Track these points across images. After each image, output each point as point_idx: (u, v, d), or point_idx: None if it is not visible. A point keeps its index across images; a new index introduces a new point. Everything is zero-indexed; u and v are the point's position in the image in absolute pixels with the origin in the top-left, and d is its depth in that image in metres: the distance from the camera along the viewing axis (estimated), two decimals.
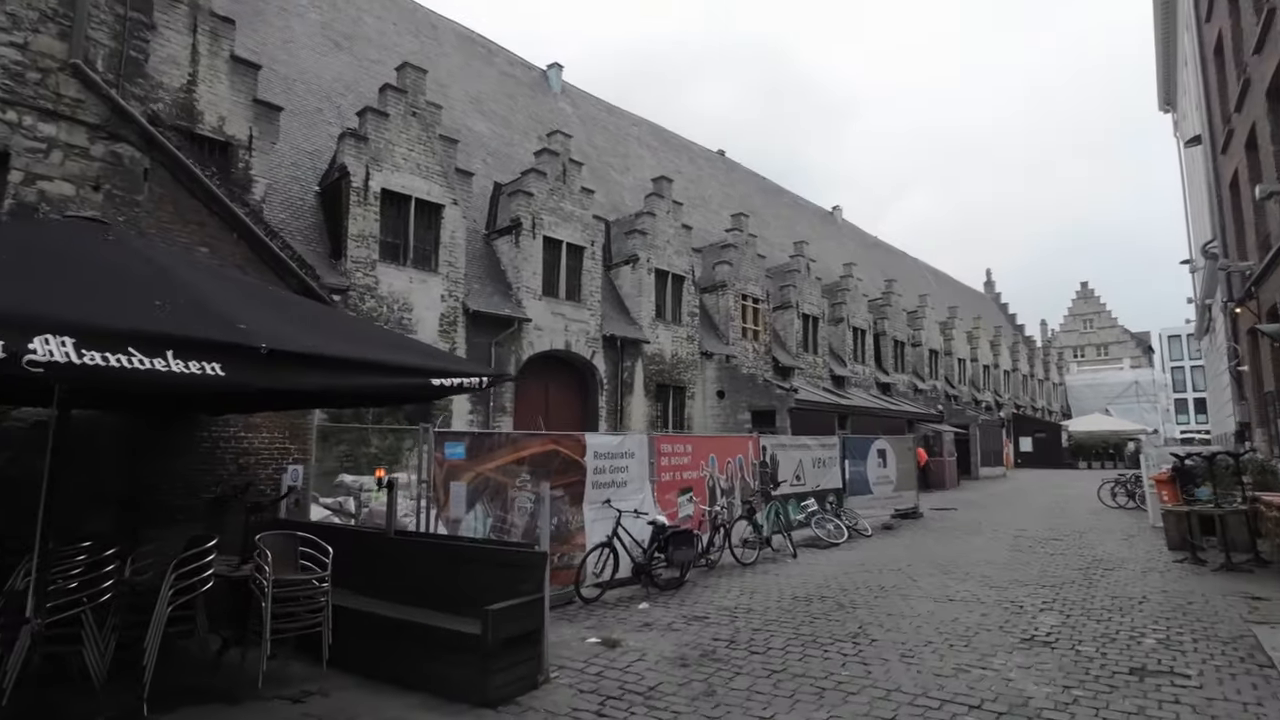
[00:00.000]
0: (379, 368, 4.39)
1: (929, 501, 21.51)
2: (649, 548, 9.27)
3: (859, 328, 32.72)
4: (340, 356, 4.17)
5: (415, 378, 4.64)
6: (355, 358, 4.26)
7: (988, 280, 73.31)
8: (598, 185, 26.40)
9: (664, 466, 10.48)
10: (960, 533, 14.72)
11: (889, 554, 12.14)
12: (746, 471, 12.74)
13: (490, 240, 19.10)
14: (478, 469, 7.64)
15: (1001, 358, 49.10)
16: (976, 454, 33.32)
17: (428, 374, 4.74)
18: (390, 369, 4.47)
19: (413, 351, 4.96)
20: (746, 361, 24.93)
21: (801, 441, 14.97)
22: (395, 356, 4.63)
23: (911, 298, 41.40)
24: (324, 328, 4.87)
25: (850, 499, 15.89)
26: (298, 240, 14.70)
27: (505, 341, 17.45)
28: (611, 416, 20.09)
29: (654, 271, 22.01)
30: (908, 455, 18.15)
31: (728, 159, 39.29)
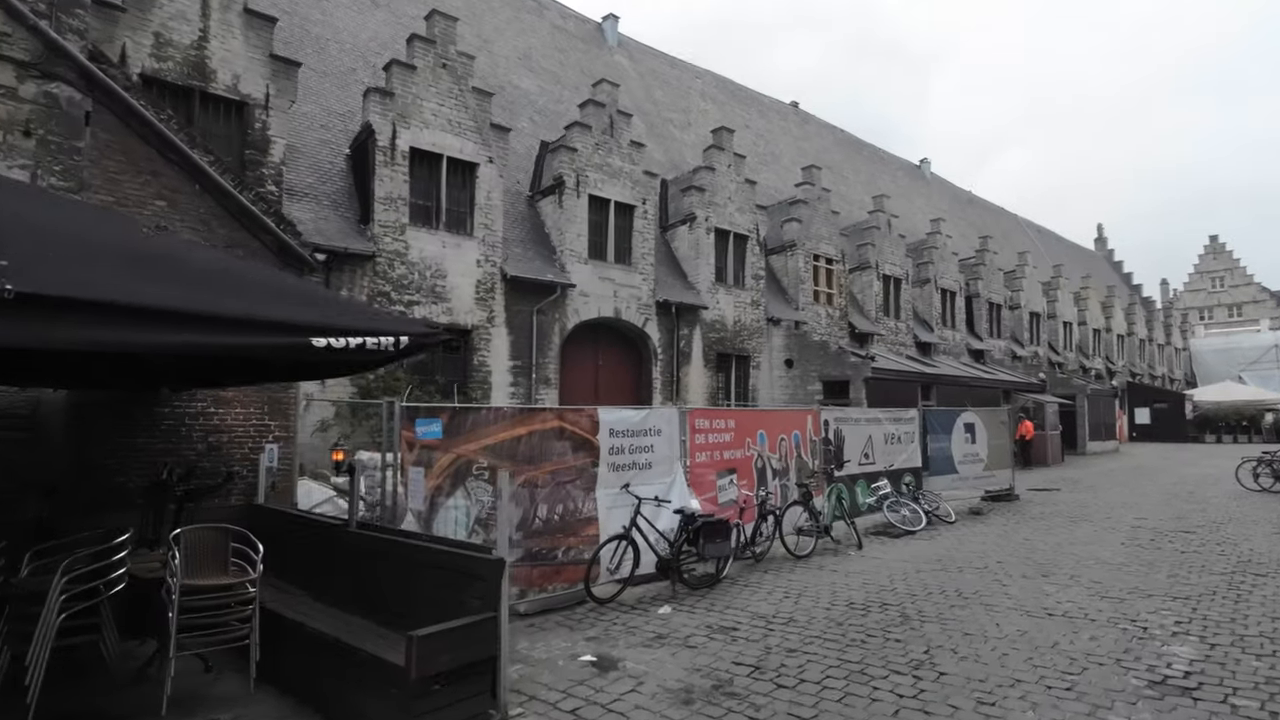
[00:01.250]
0: (213, 323, 3.20)
1: (1027, 481, 19.13)
2: (676, 540, 7.94)
3: (948, 289, 29.86)
4: (146, 306, 2.99)
5: (278, 336, 3.44)
6: (172, 308, 3.08)
7: (1099, 237, 66.80)
8: (656, 143, 24.81)
9: (700, 445, 9.07)
10: (1064, 520, 12.62)
11: (974, 546, 10.33)
12: (804, 449, 11.15)
13: (534, 202, 17.96)
14: (459, 450, 6.49)
15: (1114, 320, 44.36)
16: (1084, 427, 30.01)
17: (303, 331, 3.53)
18: (231, 324, 3.28)
19: (289, 302, 3.73)
20: (819, 328, 22.95)
21: (872, 415, 13.18)
22: (250, 308, 3.43)
23: (1009, 256, 37.71)
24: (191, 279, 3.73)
25: (931, 479, 14.01)
26: (325, 205, 14.01)
27: (547, 309, 16.34)
28: (667, 389, 18.75)
29: (713, 231, 20.32)
30: (1001, 429, 15.96)
31: (801, 111, 36.58)
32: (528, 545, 6.94)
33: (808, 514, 10.12)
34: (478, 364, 15.13)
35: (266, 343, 3.40)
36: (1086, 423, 30.11)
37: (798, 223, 23.11)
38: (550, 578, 7.11)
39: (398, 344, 3.97)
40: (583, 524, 7.47)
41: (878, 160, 39.47)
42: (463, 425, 6.57)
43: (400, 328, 4.05)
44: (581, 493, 7.51)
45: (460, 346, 15.08)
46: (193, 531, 5.23)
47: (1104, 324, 43.35)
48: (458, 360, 15.00)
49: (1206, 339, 57.91)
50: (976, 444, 15.17)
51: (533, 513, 7.01)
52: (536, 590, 7.01)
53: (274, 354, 3.84)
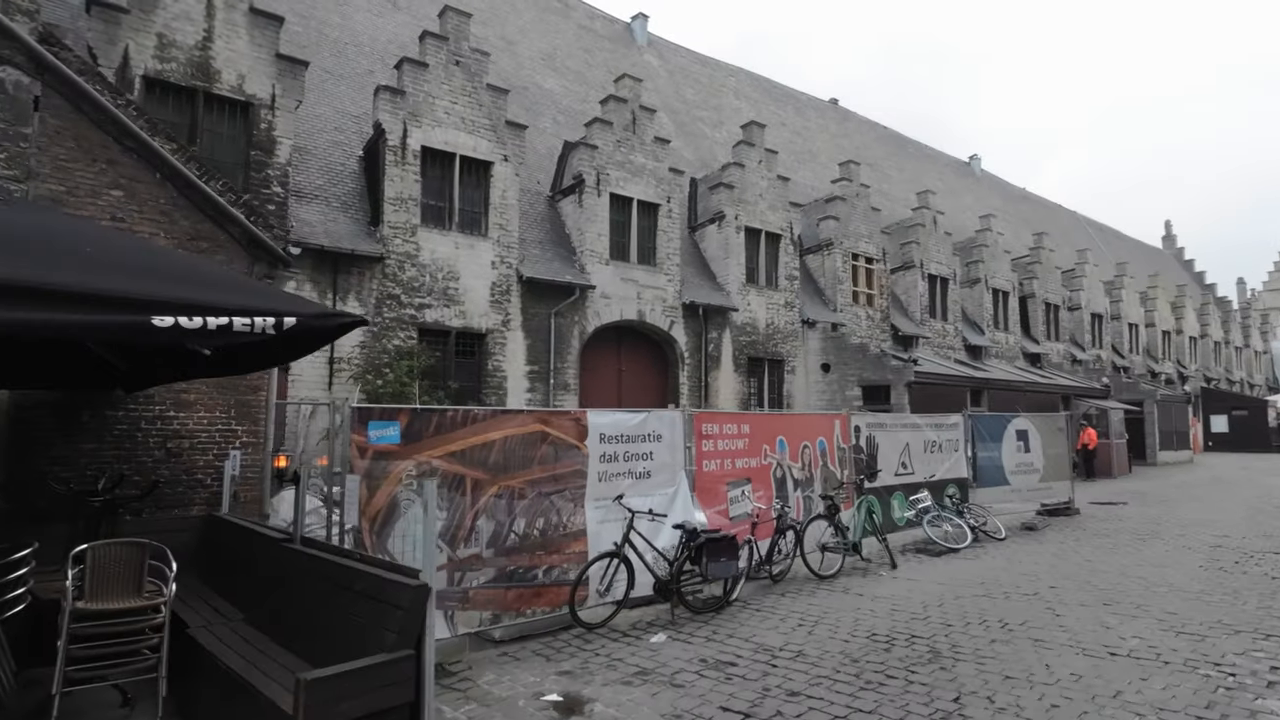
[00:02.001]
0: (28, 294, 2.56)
1: (1090, 493, 17.59)
2: (676, 559, 7.11)
3: (1000, 289, 28.19)
4: None
5: (105, 313, 2.78)
6: None
7: (1166, 234, 63.11)
8: (686, 141, 24.08)
9: (708, 453, 8.22)
10: (1130, 538, 11.29)
11: (1025, 567, 9.17)
12: (831, 458, 10.18)
13: (555, 203, 17.39)
14: (420, 457, 5.81)
15: (1186, 322, 41.52)
16: (1154, 435, 27.88)
17: (139, 308, 2.87)
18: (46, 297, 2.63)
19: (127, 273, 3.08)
20: (858, 330, 21.76)
21: (910, 420, 12.08)
22: (71, 279, 2.79)
23: (1067, 255, 35.60)
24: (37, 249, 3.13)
25: (979, 491, 12.81)
26: (335, 207, 13.68)
27: (566, 312, 15.69)
28: (694, 395, 17.87)
29: (743, 230, 19.40)
30: (1058, 437, 14.59)
31: (841, 108, 35.31)
32: (502, 564, 6.21)
33: (833, 529, 9.14)
34: (492, 369, 14.56)
35: (86, 321, 2.75)
36: (1156, 430, 27.96)
37: (834, 220, 22.00)
38: (529, 600, 6.36)
39: (279, 325, 3.29)
40: (568, 540, 6.70)
41: (923, 157, 37.85)
42: (425, 429, 5.89)
43: (283, 306, 3.36)
44: (568, 505, 6.76)
45: (476, 350, 14.55)
46: (102, 548, 4.67)
47: (1174, 325, 40.60)
48: (471, 365, 14.46)
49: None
50: (1030, 453, 13.87)
51: (508, 527, 6.28)
52: (513, 614, 6.27)
53: (101, 336, 3.18)
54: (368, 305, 13.16)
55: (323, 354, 12.61)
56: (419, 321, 13.68)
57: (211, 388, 7.05)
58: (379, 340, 13.20)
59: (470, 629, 6.00)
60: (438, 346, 14.06)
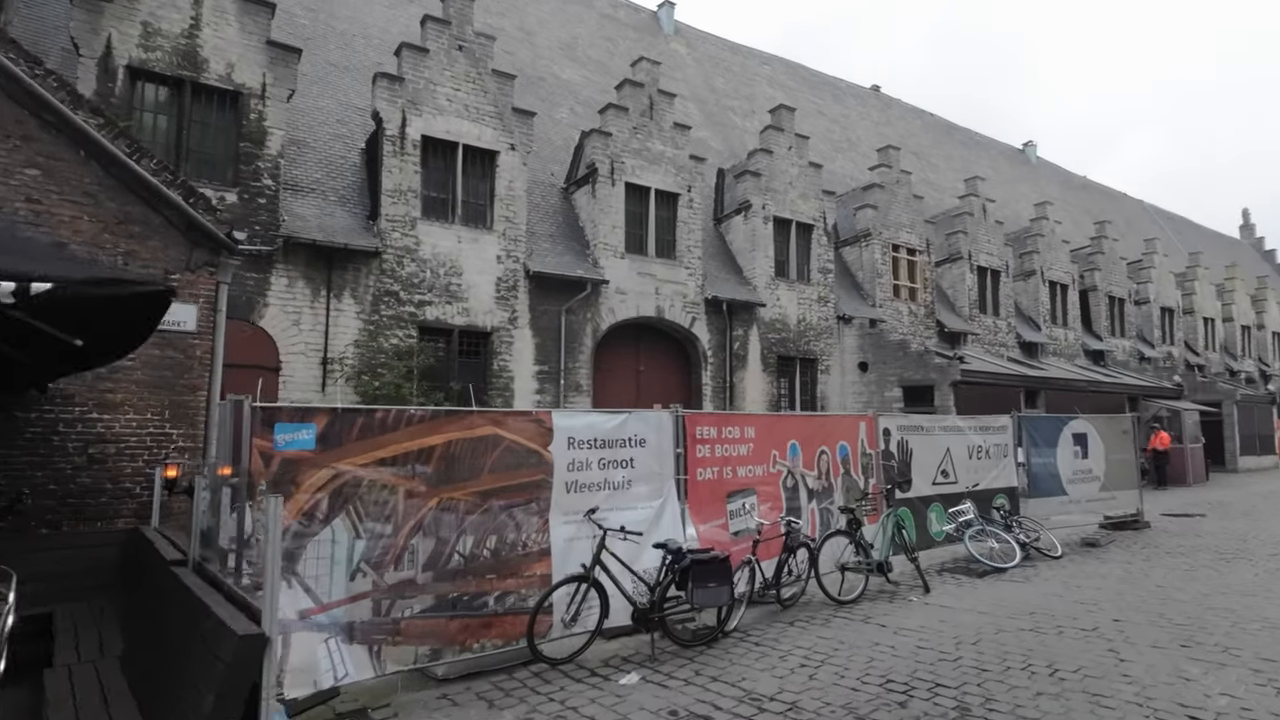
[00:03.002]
0: None
1: (1161, 504, 15.83)
2: (658, 582, 6.12)
3: (1058, 282, 26.21)
4: None
5: None
6: None
7: (1244, 223, 58.74)
8: (715, 131, 23.03)
9: (703, 459, 7.20)
10: (1211, 558, 9.77)
11: (1083, 593, 7.85)
12: (855, 466, 9.01)
13: (569, 195, 16.57)
14: (341, 464, 4.97)
15: (1269, 316, 38.24)
16: (1234, 439, 25.49)
17: None
18: None
19: None
20: (900, 326, 20.31)
21: (950, 423, 10.79)
22: None
23: (1133, 245, 33.16)
24: None
25: (1030, 502, 11.41)
26: (332, 201, 13.12)
27: (578, 309, 14.82)
28: (719, 396, 16.79)
29: (771, 220, 18.23)
30: (1123, 441, 13.02)
31: (883, 95, 33.61)
32: (444, 589, 5.32)
33: (854, 547, 7.99)
34: (498, 369, 13.79)
35: None
36: (1237, 434, 25.57)
37: (873, 209, 20.60)
38: (478, 632, 5.45)
39: (23, 293, 2.45)
40: (528, 561, 5.78)
41: (973, 144, 35.80)
42: (347, 432, 5.05)
43: (27, 266, 2.52)
44: (529, 520, 5.83)
45: (480, 349, 13.80)
46: None
47: (1255, 320, 37.45)
48: (476, 364, 13.71)
49: None
50: (1090, 459, 12.36)
51: (451, 546, 5.38)
52: (457, 649, 5.37)
53: None
54: (364, 303, 12.54)
55: (315, 353, 12.03)
56: (419, 319, 13.00)
57: (142, 387, 6.38)
58: (375, 339, 12.55)
59: (403, 666, 5.12)
60: (439, 346, 13.36)
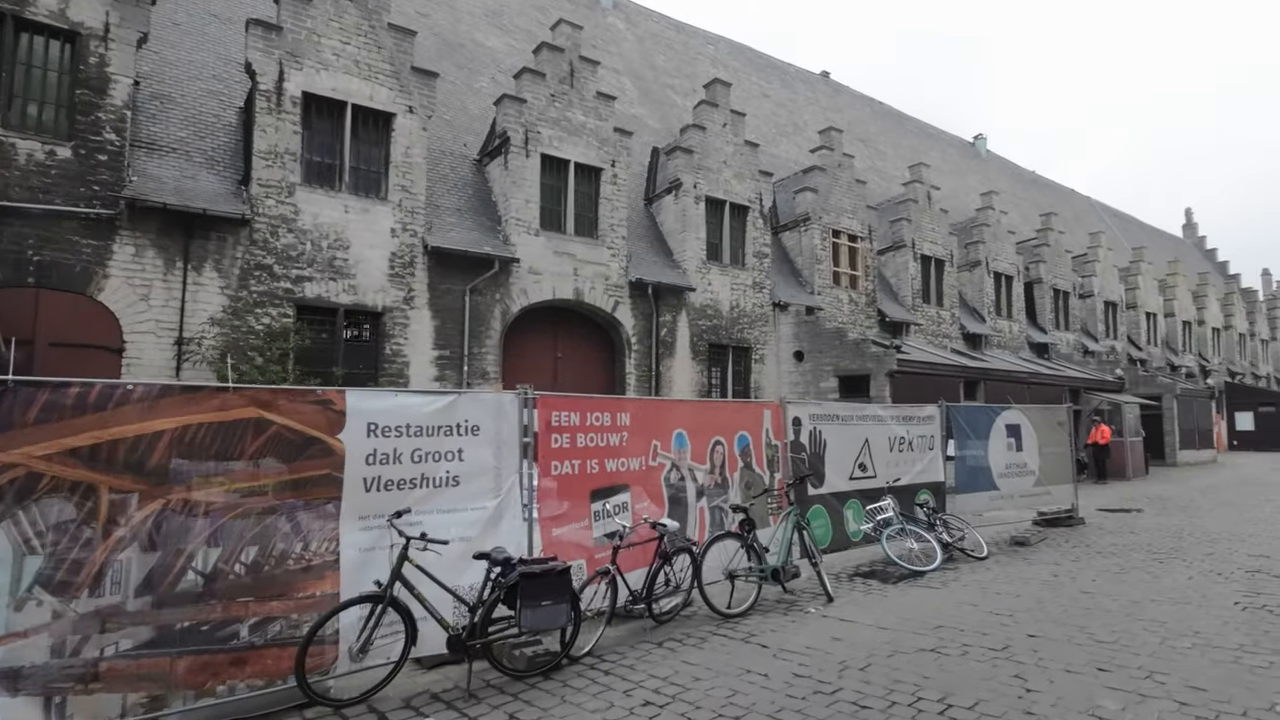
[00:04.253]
0: None
1: (1100, 498, 15.28)
2: (483, 600, 4.99)
3: (1003, 273, 25.78)
4: None
5: None
6: None
7: (1188, 223, 60.01)
8: (653, 109, 21.94)
9: (560, 451, 6.08)
10: (1144, 558, 9.02)
11: (1002, 602, 6.95)
12: (757, 458, 8.00)
13: (483, 166, 15.30)
14: (10, 455, 3.72)
15: (1208, 312, 38.75)
16: (1174, 433, 25.37)
17: None
18: None
19: None
20: (840, 314, 19.50)
21: (869, 412, 9.87)
22: None
23: (1080, 239, 33.11)
24: None
25: (958, 498, 10.60)
26: (197, 163, 11.65)
27: (485, 289, 13.58)
28: (644, 385, 15.72)
29: (704, 200, 17.21)
30: (1058, 433, 12.32)
31: (832, 81, 32.88)
32: (169, 618, 4.11)
33: (747, 551, 6.97)
34: (391, 353, 12.49)
35: None
36: (1177, 428, 25.45)
37: (812, 193, 19.74)
38: (223, 671, 4.25)
39: None
40: (305, 577, 4.59)
41: (923, 135, 35.35)
42: (22, 412, 3.79)
43: None
44: (313, 526, 4.65)
45: (371, 331, 12.48)
46: None
47: (1195, 315, 37.89)
48: (365, 348, 12.40)
49: None
50: (1024, 451, 11.60)
51: (183, 562, 4.17)
52: (191, 695, 4.16)
53: None
54: (230, 277, 11.13)
55: (168, 333, 10.59)
56: (296, 297, 11.63)
57: None
58: (243, 318, 11.15)
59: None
60: (322, 327, 12.00)
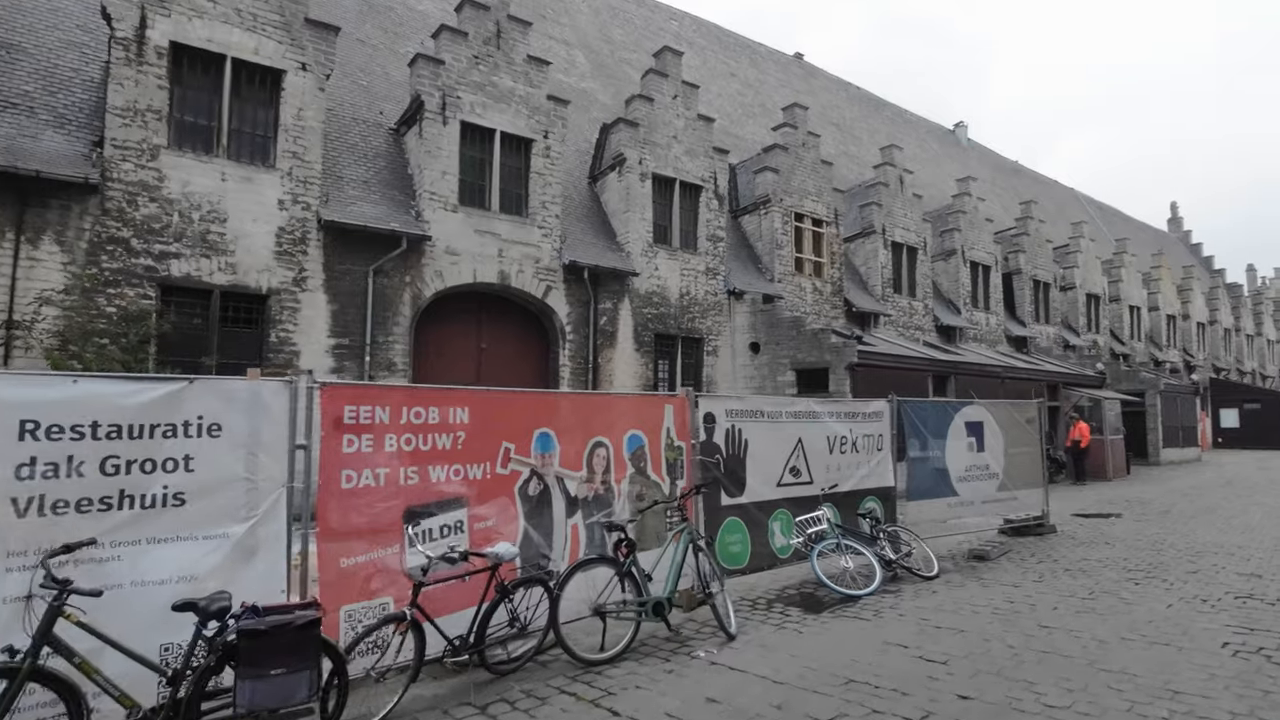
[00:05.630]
0: None
1: (1076, 502, 14.05)
2: (190, 668, 3.58)
3: (980, 263, 24.56)
4: None
5: None
6: None
7: (1173, 216, 59.20)
8: (606, 84, 20.53)
9: (359, 457, 4.68)
10: (1118, 577, 7.72)
11: (938, 641, 5.59)
12: (654, 463, 6.63)
13: (400, 136, 13.85)
14: None
15: (1193, 307, 37.77)
16: (1157, 430, 24.26)
17: None
18: None
19: None
20: (803, 304, 18.18)
21: (802, 407, 8.50)
22: None
23: (1062, 230, 31.97)
24: None
25: (911, 505, 9.29)
26: (44, 121, 10.15)
27: (392, 270, 12.15)
28: (580, 378, 14.32)
29: (650, 178, 15.82)
30: (1026, 432, 11.04)
31: (806, 64, 31.49)
32: None
33: (624, 580, 5.59)
34: (278, 340, 11.04)
35: None
36: (1160, 425, 24.34)
37: (773, 173, 18.38)
38: None
39: None
40: None
41: (901, 121, 34.09)
42: None
43: None
44: None
45: (254, 316, 11.02)
46: None
47: (1180, 310, 36.90)
48: (247, 335, 10.93)
49: None
50: (986, 452, 10.29)
51: None
52: None
53: None
54: (75, 252, 9.64)
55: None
56: (160, 275, 10.16)
57: None
58: (93, 299, 9.67)
59: None
60: (194, 310, 10.53)
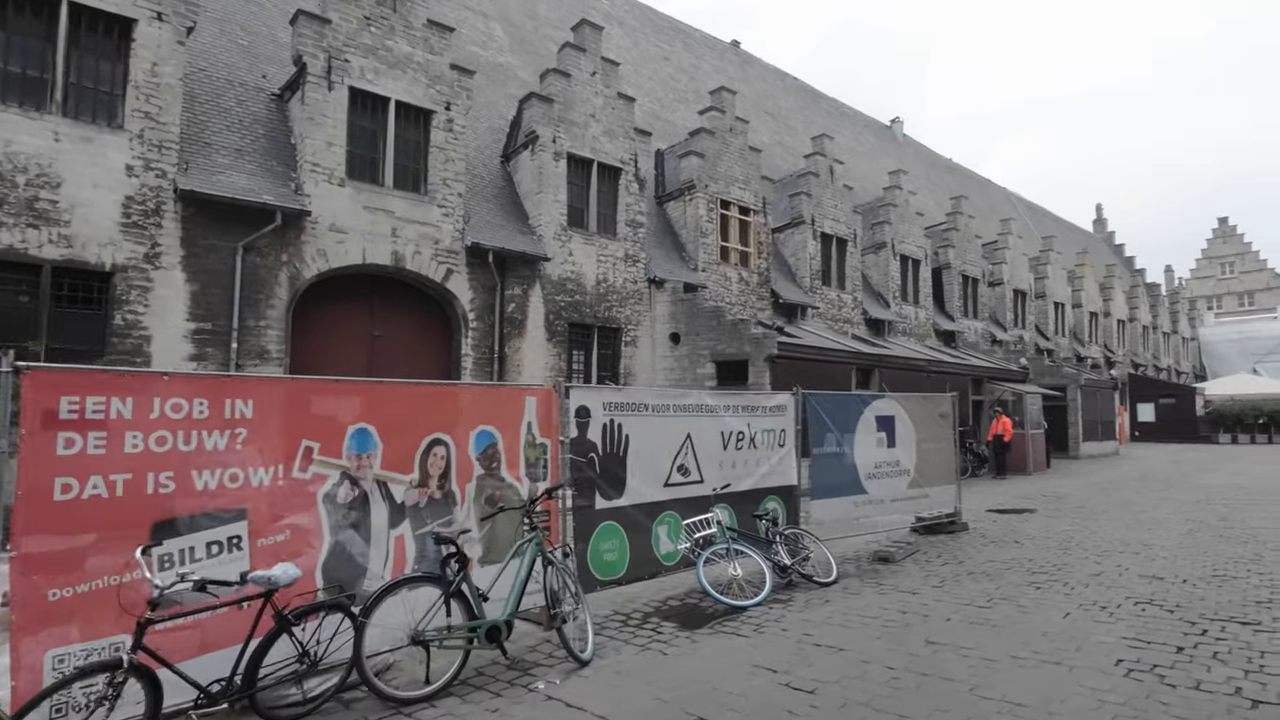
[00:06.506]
0: None
1: (994, 496, 13.83)
2: None
3: (911, 257, 24.48)
4: None
5: None
6: None
7: (1098, 218, 61.38)
8: (528, 60, 19.52)
9: (82, 461, 3.73)
10: (1021, 581, 7.25)
11: (816, 663, 4.92)
12: (511, 463, 5.83)
13: (284, 102, 12.63)
14: None
15: (1115, 304, 38.96)
16: (1077, 424, 24.68)
17: None
18: None
19: None
20: (728, 294, 17.60)
21: (692, 401, 7.80)
22: None
23: (992, 227, 32.36)
24: None
25: (816, 504, 8.71)
26: None
27: (266, 248, 10.99)
28: (484, 369, 13.39)
29: (565, 157, 14.95)
30: (940, 426, 10.64)
31: (742, 51, 31.03)
32: None
33: (448, 602, 4.76)
34: (125, 324, 9.78)
35: None
36: (1080, 419, 24.76)
37: (698, 157, 17.72)
38: None
39: None
40: None
41: (838, 114, 33.98)
42: None
43: None
44: None
45: (97, 296, 9.73)
46: None
47: (1102, 307, 37.97)
48: (88, 318, 9.65)
49: (1217, 328, 52.50)
50: (897, 447, 9.82)
51: None
52: None
53: None
54: None
55: None
56: None
57: None
58: None
59: None
60: (19, 288, 9.21)
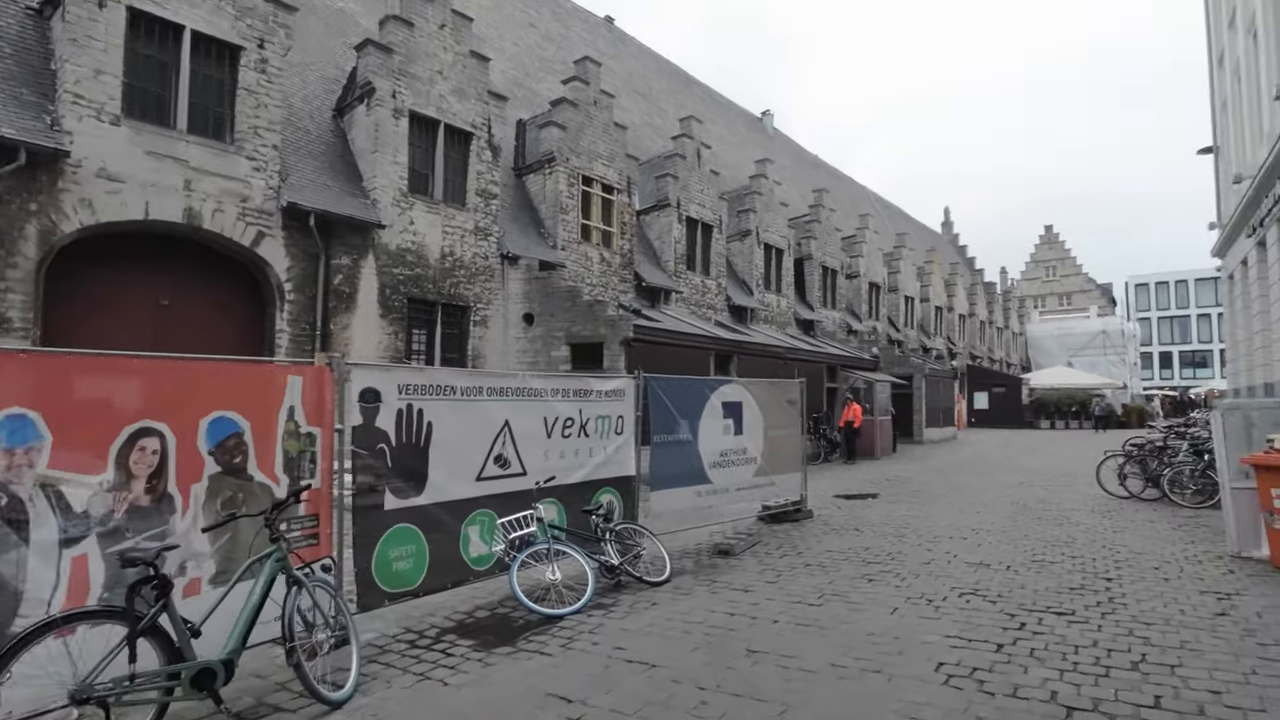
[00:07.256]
0: None
1: (842, 482, 13.98)
2: None
3: (774, 246, 24.81)
4: None
5: None
6: None
7: (945, 220, 66.16)
8: (371, 8, 17.64)
9: None
10: (854, 572, 6.99)
11: (611, 687, 4.19)
12: (264, 458, 4.72)
13: (46, 19, 10.44)
14: None
15: (957, 300, 42.01)
16: (922, 411, 26.13)
17: None
18: None
19: None
20: (589, 275, 16.85)
21: (512, 383, 6.95)
22: None
23: (851, 222, 33.67)
24: None
25: (656, 496, 8.11)
26: None
27: (10, 194, 8.97)
28: (303, 347, 11.85)
29: (406, 115, 13.55)
30: (788, 412, 10.42)
31: (617, 29, 30.32)
32: None
33: (140, 641, 3.64)
34: None
35: None
36: (924, 407, 26.23)
37: (559, 129, 16.78)
38: None
39: None
40: None
41: (710, 101, 34.07)
42: None
43: None
44: None
45: None
46: None
47: (946, 302, 40.75)
48: None
49: (1042, 324, 58.20)
50: (744, 434, 9.46)
51: None
52: None
53: None
54: None
55: None
56: None
57: None
58: None
59: None
60: None
